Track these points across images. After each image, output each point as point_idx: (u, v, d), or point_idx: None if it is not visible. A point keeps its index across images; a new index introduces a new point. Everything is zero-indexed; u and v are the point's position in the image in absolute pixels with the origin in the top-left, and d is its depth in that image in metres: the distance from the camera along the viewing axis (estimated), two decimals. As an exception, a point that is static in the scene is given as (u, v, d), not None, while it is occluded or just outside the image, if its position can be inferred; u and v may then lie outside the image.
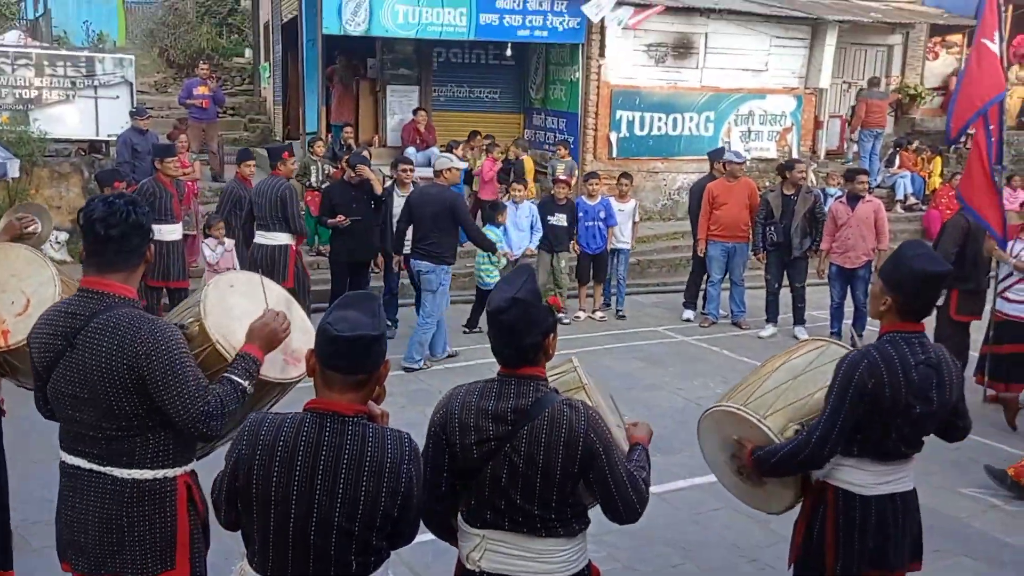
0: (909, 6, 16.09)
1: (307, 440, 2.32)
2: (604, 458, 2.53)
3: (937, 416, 3.10)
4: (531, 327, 2.56)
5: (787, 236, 9.23)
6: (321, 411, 2.36)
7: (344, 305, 2.43)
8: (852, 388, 2.97)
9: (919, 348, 3.03)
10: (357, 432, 2.33)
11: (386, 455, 2.33)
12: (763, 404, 3.32)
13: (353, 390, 2.36)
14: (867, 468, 3.09)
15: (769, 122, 14.47)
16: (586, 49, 13.21)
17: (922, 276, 2.97)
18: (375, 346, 2.35)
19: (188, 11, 20.83)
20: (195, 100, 12.89)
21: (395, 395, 7.36)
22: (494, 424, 2.55)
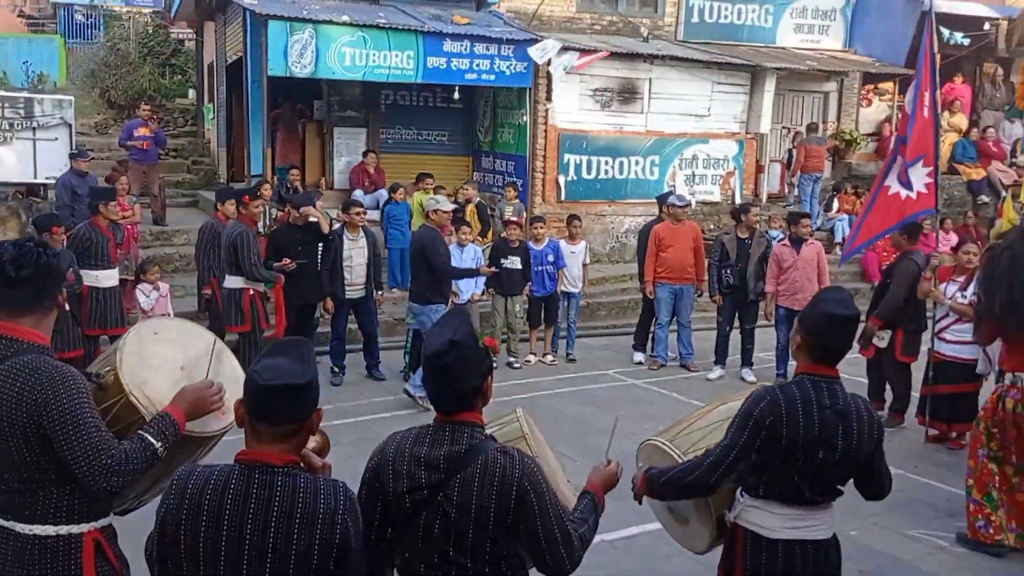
0: (842, 55, 16.63)
1: (235, 493, 2.24)
2: (536, 509, 2.46)
3: (845, 465, 3.08)
4: (470, 370, 2.52)
5: (743, 279, 9.37)
6: (250, 462, 2.27)
7: (273, 353, 2.36)
8: (751, 421, 3.02)
9: (827, 393, 3.05)
10: (288, 483, 2.25)
11: (319, 505, 2.25)
12: (688, 441, 3.44)
13: (283, 440, 2.29)
14: (774, 511, 3.09)
15: (713, 166, 14.75)
16: (533, 93, 13.35)
17: (829, 318, 3.04)
18: (303, 395, 2.28)
19: (130, 52, 20.55)
20: (136, 142, 12.68)
21: (343, 444, 7.21)
22: (427, 472, 2.48)
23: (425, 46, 12.36)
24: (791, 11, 16.30)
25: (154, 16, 22.37)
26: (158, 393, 2.81)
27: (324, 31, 11.84)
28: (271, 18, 11.60)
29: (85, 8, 21.96)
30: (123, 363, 2.86)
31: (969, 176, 16.18)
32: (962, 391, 7.21)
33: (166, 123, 18.31)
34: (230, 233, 7.99)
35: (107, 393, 2.80)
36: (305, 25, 11.72)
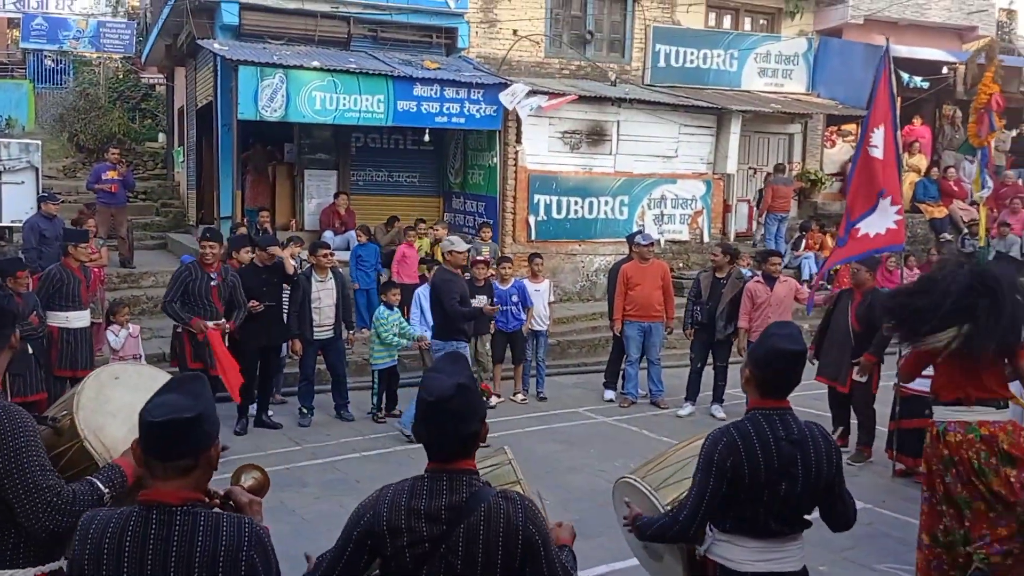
0: (806, 98, 17.00)
1: (133, 536, 2.20)
2: (543, 551, 2.44)
3: (808, 494, 3.10)
4: (474, 414, 2.46)
5: (712, 318, 9.44)
6: (148, 503, 2.23)
7: (166, 389, 2.33)
8: (714, 467, 3.03)
9: (780, 425, 3.07)
10: (186, 522, 2.20)
11: (219, 543, 2.19)
12: (659, 478, 3.49)
13: (178, 477, 2.24)
14: (742, 544, 3.10)
15: (681, 206, 14.94)
16: (503, 135, 13.50)
17: (776, 353, 3.07)
18: (191, 429, 2.23)
19: (100, 96, 20.57)
20: (104, 185, 12.63)
21: (310, 485, 7.14)
22: (428, 524, 2.39)
23: (395, 90, 12.48)
24: (755, 56, 16.67)
25: (124, 62, 22.42)
26: (114, 440, 2.78)
27: (295, 76, 11.93)
28: (242, 63, 11.68)
29: (55, 53, 21.96)
30: (80, 408, 2.83)
31: (932, 215, 16.52)
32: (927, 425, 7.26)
33: (135, 166, 18.29)
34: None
35: (62, 437, 2.77)
36: (275, 70, 11.81)
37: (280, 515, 6.41)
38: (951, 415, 4.71)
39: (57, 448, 2.79)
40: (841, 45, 17.08)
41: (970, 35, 18.46)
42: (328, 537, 6.08)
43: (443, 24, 14.16)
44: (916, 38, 17.76)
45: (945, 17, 18.25)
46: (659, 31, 15.90)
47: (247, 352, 8.75)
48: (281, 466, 7.56)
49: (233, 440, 8.25)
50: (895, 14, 17.57)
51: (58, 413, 2.88)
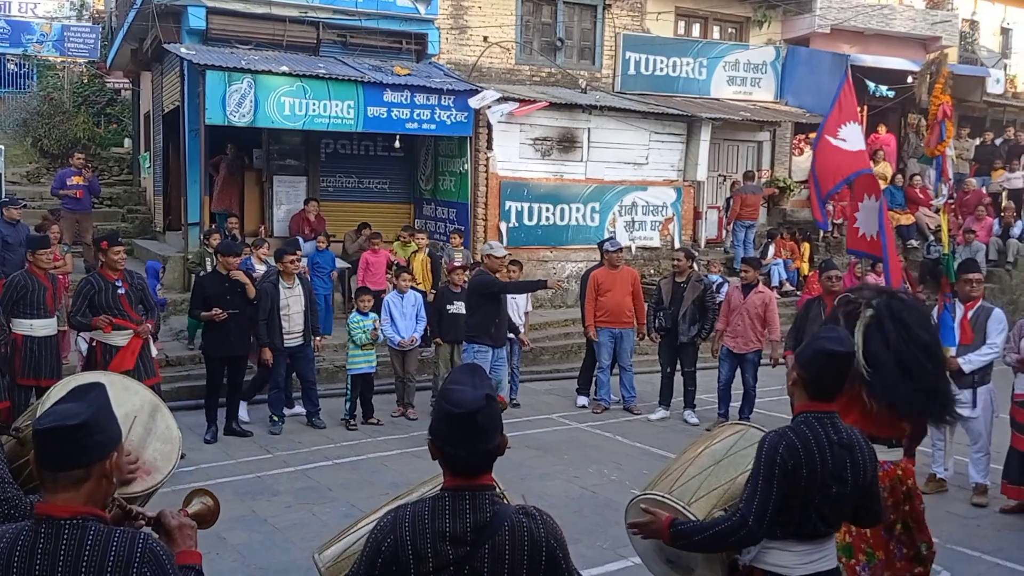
0: (774, 106, 17.18)
1: (22, 550, 2.12)
2: (564, 564, 2.42)
3: (854, 496, 3.15)
4: (498, 426, 2.41)
5: (675, 322, 9.46)
6: (38, 516, 2.16)
7: (66, 397, 2.26)
8: (776, 468, 3.01)
9: (832, 428, 3.09)
10: (74, 536, 2.12)
11: (107, 559, 2.11)
12: (687, 491, 3.32)
13: (70, 488, 2.16)
14: (791, 549, 3.11)
15: (652, 212, 15.00)
16: (474, 142, 13.47)
17: (824, 354, 3.08)
18: (78, 436, 2.14)
19: (64, 101, 20.24)
20: (69, 191, 12.42)
21: (281, 494, 7.04)
22: (453, 546, 2.32)
23: (365, 96, 12.40)
24: (724, 64, 16.81)
25: (89, 66, 22.09)
26: None
27: (263, 81, 11.82)
28: (209, 68, 11.55)
29: (18, 57, 21.58)
30: None
31: (898, 222, 16.71)
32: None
33: (101, 172, 18.02)
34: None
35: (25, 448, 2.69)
36: (244, 75, 11.68)
37: (252, 524, 6.31)
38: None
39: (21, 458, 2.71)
40: (808, 54, 17.29)
41: (934, 45, 18.75)
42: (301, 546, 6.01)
43: (413, 30, 14.12)
44: (881, 47, 18.03)
45: (910, 27, 18.54)
46: (629, 39, 15.98)
47: (212, 361, 8.63)
48: (252, 474, 7.46)
49: (203, 448, 8.13)
50: (861, 24, 17.82)
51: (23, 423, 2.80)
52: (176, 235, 14.16)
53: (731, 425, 3.72)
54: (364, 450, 8.18)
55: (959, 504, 7.13)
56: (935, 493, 7.28)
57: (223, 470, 7.55)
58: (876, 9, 18.03)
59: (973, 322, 7.12)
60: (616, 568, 5.67)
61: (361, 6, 13.57)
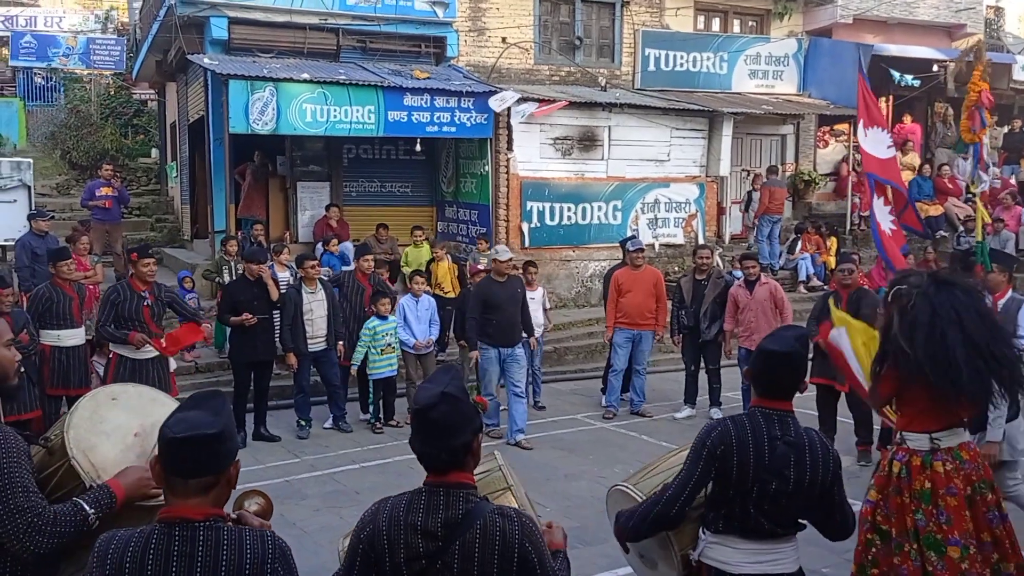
0: (797, 98, 17.03)
1: (156, 553, 2.18)
2: (538, 568, 2.43)
3: (800, 496, 3.10)
4: (462, 424, 2.44)
5: (697, 320, 9.42)
6: (169, 520, 2.22)
7: (187, 406, 2.33)
8: (704, 451, 3.08)
9: (778, 425, 3.09)
10: (210, 537, 2.20)
11: (244, 557, 2.19)
12: (650, 484, 3.45)
13: (200, 494, 2.23)
14: (735, 546, 3.11)
15: (675, 209, 14.93)
16: (494, 143, 13.50)
17: (761, 352, 3.16)
18: (215, 446, 2.23)
19: (92, 113, 20.56)
20: (98, 201, 12.61)
21: (309, 497, 7.11)
22: (424, 540, 2.39)
23: (386, 101, 12.48)
24: (745, 58, 16.70)
25: (115, 78, 22.41)
26: (104, 460, 2.74)
27: (285, 88, 11.93)
28: (232, 78, 11.68)
29: (45, 71, 21.94)
30: (72, 427, 2.80)
31: (927, 213, 16.51)
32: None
33: (129, 182, 18.28)
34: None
35: (54, 457, 2.74)
36: (266, 84, 11.81)
37: (280, 528, 6.34)
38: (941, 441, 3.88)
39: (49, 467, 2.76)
40: (831, 45, 17.12)
41: (959, 33, 18.53)
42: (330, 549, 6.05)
43: (432, 33, 14.18)
44: (905, 37, 17.82)
45: (934, 15, 18.32)
46: (648, 35, 15.93)
47: (239, 367, 8.74)
48: (280, 479, 7.54)
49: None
50: (884, 13, 17.64)
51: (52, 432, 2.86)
52: (203, 243, 14.33)
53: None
54: (391, 453, 8.24)
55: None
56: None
57: (252, 475, 7.62)
58: (899, -2, 17.86)
59: (1004, 312, 7.02)
60: (642, 567, 5.66)
61: (380, 11, 13.65)
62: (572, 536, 2.92)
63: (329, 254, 11.95)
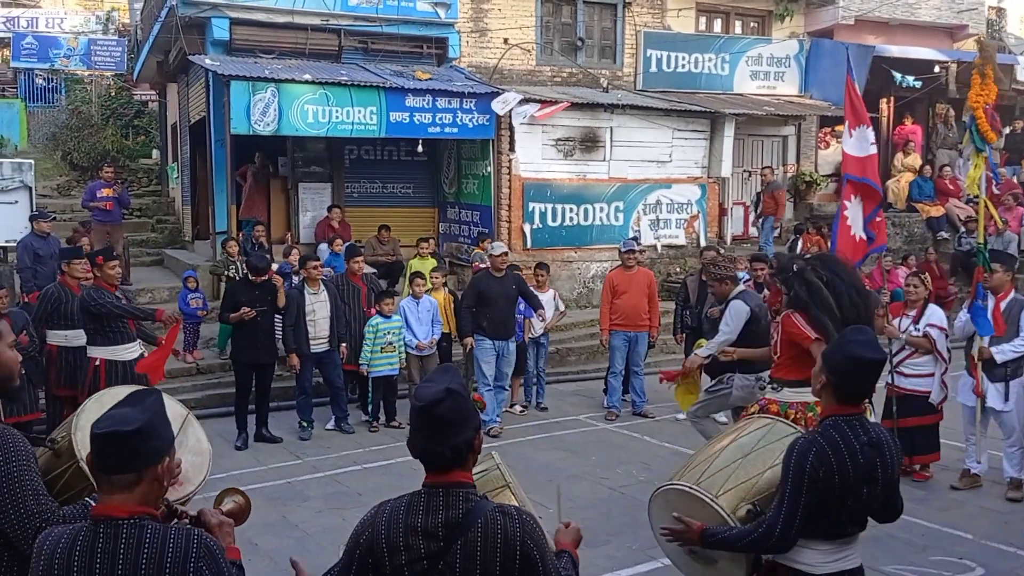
0: (798, 100, 17.02)
1: (82, 550, 2.20)
2: (540, 565, 2.42)
3: (883, 494, 3.13)
4: (465, 421, 2.45)
5: (700, 321, 9.39)
6: (96, 517, 2.23)
7: (122, 403, 2.33)
8: (806, 478, 2.98)
9: (860, 430, 3.06)
10: (132, 535, 2.20)
11: (165, 556, 2.19)
12: (715, 483, 3.31)
13: (125, 490, 2.23)
14: (817, 547, 3.10)
15: (676, 210, 14.92)
16: (496, 144, 13.49)
17: (858, 361, 3.04)
18: (135, 442, 2.21)
19: (93, 114, 20.56)
20: (99, 203, 12.60)
21: (311, 499, 7.10)
22: (425, 541, 2.37)
23: (388, 101, 12.47)
24: (747, 59, 16.69)
25: (116, 79, 22.42)
26: None
27: (286, 89, 11.93)
28: (233, 78, 11.67)
29: (46, 72, 21.96)
30: (78, 428, 2.81)
31: (928, 214, 16.52)
32: (922, 423, 7.30)
33: (130, 183, 18.28)
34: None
35: (61, 459, 2.75)
36: (267, 84, 11.80)
37: (283, 530, 6.37)
38: (793, 396, 5.18)
39: (56, 470, 2.76)
40: (832, 46, 17.10)
41: (960, 34, 18.52)
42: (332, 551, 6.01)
43: (434, 34, 14.17)
44: (907, 38, 17.82)
45: (935, 16, 18.32)
46: (650, 36, 15.93)
47: (241, 367, 8.73)
48: (282, 480, 7.53)
49: (234, 455, 8.22)
50: (885, 14, 17.63)
51: (58, 434, 2.85)
52: (204, 244, 14.32)
53: (759, 418, 3.71)
54: (393, 454, 8.22)
55: (993, 499, 7.03)
56: (969, 488, 7.19)
57: (254, 476, 7.63)
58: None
59: (1006, 315, 7.02)
60: (646, 569, 5.65)
61: (381, 12, 13.64)
62: (574, 537, 2.89)
63: (333, 254, 11.95)
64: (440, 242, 14.71)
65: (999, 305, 7.07)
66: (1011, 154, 17.83)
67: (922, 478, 7.41)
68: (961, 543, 6.14)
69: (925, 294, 7.50)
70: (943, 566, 5.76)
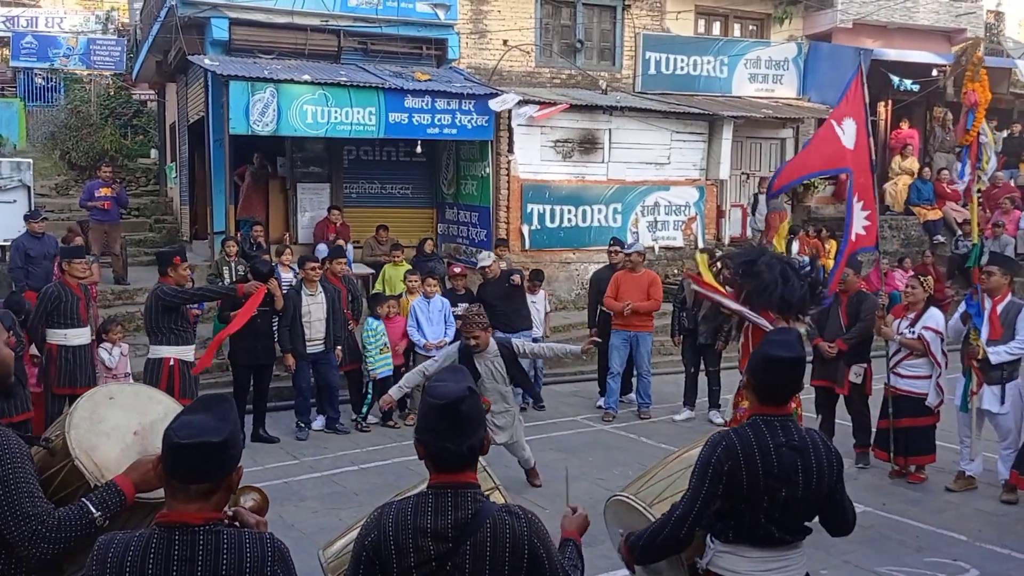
0: (796, 102, 17.06)
1: (156, 557, 2.17)
2: (547, 563, 2.43)
3: (808, 500, 3.07)
4: (481, 421, 2.48)
5: (695, 323, 9.42)
6: (169, 524, 2.21)
7: (193, 409, 2.32)
8: (711, 469, 3.00)
9: (781, 431, 3.04)
10: (210, 541, 2.20)
11: (244, 561, 2.19)
12: (652, 493, 3.39)
13: (201, 498, 2.23)
14: (745, 555, 3.06)
15: (674, 212, 14.95)
16: (495, 145, 13.51)
17: (770, 360, 3.05)
18: (219, 453, 2.22)
19: (91, 114, 20.56)
20: (97, 202, 12.59)
21: (308, 499, 7.11)
22: (434, 543, 2.37)
23: (387, 102, 12.48)
24: (745, 62, 16.73)
25: (115, 78, 22.41)
26: (106, 459, 2.73)
27: (285, 90, 11.94)
28: (232, 78, 11.68)
29: (45, 72, 21.95)
30: (72, 427, 2.80)
31: (925, 217, 16.56)
32: (918, 424, 7.33)
33: (128, 183, 18.29)
34: (150, 294, 7.86)
35: (55, 458, 2.73)
36: (266, 85, 11.81)
37: (279, 530, 6.35)
38: None
39: (50, 469, 2.74)
40: (831, 49, 17.15)
41: (958, 37, 18.55)
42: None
43: (433, 36, 14.19)
44: (905, 41, 17.85)
45: (933, 20, 18.35)
46: (649, 39, 15.95)
47: (238, 368, 8.74)
48: (279, 480, 7.53)
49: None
50: (883, 18, 17.66)
51: (52, 433, 2.85)
52: (203, 244, 14.33)
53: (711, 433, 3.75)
54: (390, 455, 8.24)
55: (988, 501, 7.04)
56: (964, 490, 7.21)
57: (251, 476, 7.57)
58: (899, 2, 17.85)
59: (1003, 318, 7.04)
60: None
61: (381, 13, 13.66)
62: (572, 539, 2.91)
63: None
64: (439, 243, 14.72)
65: (995, 308, 7.09)
66: (1008, 157, 17.87)
67: (917, 479, 7.44)
68: (955, 544, 6.16)
69: (924, 297, 7.53)
70: (938, 567, 5.77)
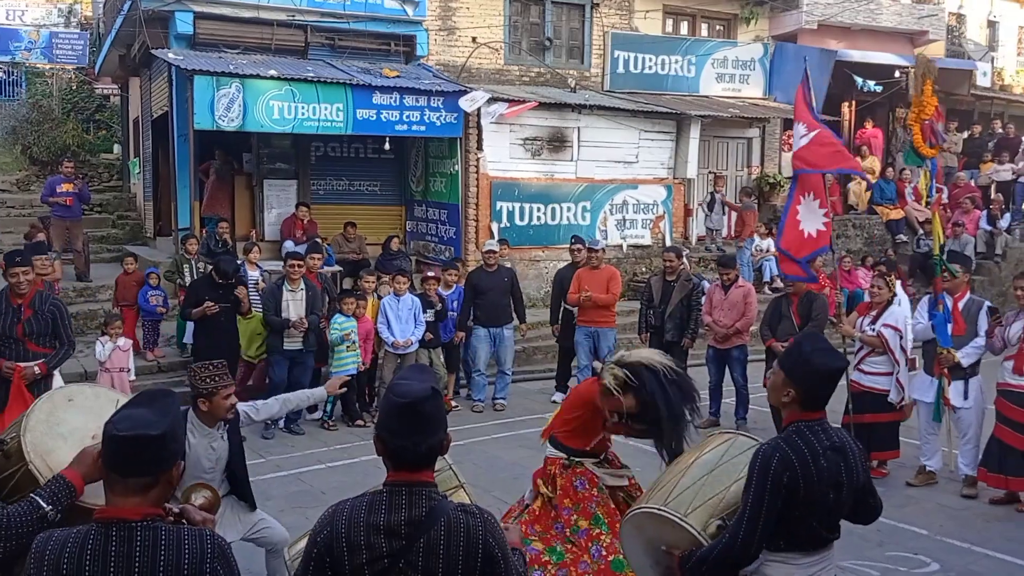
0: (763, 102, 17.22)
1: (93, 554, 2.15)
2: (502, 563, 2.43)
3: (851, 499, 3.14)
4: (443, 421, 2.47)
5: (662, 320, 9.47)
6: (106, 520, 2.19)
7: (135, 403, 2.30)
8: (770, 483, 2.97)
9: (823, 435, 3.06)
10: (147, 537, 2.17)
11: (183, 557, 2.18)
12: (683, 502, 3.29)
13: (140, 493, 2.20)
14: (795, 562, 3.07)
15: (642, 211, 15.03)
16: (464, 143, 13.48)
17: (825, 373, 3.06)
18: (158, 447, 2.19)
19: (53, 108, 20.21)
20: (59, 198, 12.39)
21: (275, 498, 7.05)
22: (387, 540, 2.36)
23: (354, 99, 12.40)
24: (712, 61, 16.85)
25: (78, 72, 22.05)
26: (62, 463, 2.68)
27: (251, 85, 11.81)
28: (197, 73, 11.53)
29: (6, 65, 21.53)
30: (28, 430, 2.76)
31: (888, 216, 16.80)
32: (880, 420, 7.45)
33: (90, 179, 18.00)
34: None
35: (10, 461, 2.69)
36: (232, 80, 11.67)
37: (244, 529, 6.31)
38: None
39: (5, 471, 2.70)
40: (796, 50, 17.32)
41: (921, 39, 18.85)
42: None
43: (401, 32, 14.12)
44: (869, 43, 18.11)
45: (896, 22, 18.62)
46: (617, 37, 16.02)
47: None
48: (244, 479, 7.45)
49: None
50: (848, 19, 17.89)
51: (8, 435, 2.79)
52: (167, 240, 14.15)
53: (720, 434, 3.69)
54: (357, 453, 8.19)
55: (949, 496, 7.17)
56: (925, 485, 7.33)
57: (216, 475, 7.55)
58: (863, 4, 18.10)
59: (965, 313, 7.21)
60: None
61: (349, 9, 13.58)
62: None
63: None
64: (407, 240, 14.68)
65: (956, 305, 7.24)
66: (969, 158, 18.20)
67: (879, 475, 7.53)
68: (917, 539, 6.26)
69: (888, 296, 7.66)
70: (899, 561, 5.86)
